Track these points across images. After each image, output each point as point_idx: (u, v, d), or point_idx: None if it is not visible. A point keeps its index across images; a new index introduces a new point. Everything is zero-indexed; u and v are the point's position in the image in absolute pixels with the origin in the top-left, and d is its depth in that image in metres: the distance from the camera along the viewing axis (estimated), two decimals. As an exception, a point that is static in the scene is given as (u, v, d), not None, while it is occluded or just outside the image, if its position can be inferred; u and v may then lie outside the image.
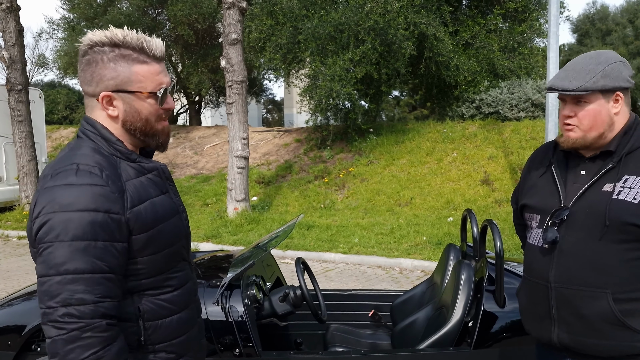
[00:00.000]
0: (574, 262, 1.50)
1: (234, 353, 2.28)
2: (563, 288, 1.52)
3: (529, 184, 1.71)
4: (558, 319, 1.54)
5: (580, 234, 1.50)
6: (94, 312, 1.13)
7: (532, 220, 1.65)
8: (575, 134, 1.53)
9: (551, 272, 1.54)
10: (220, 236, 7.97)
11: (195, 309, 1.43)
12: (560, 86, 1.50)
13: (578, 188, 1.53)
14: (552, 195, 1.58)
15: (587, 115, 1.50)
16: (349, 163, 10.60)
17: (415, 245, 7.05)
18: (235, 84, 8.55)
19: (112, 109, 1.29)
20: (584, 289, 1.48)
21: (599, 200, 1.48)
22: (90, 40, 1.26)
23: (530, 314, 1.65)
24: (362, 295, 3.29)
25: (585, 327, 1.49)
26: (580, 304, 1.49)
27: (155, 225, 1.27)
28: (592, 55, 1.53)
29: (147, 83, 1.29)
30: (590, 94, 1.48)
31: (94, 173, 1.19)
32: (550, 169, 1.63)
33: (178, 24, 14.01)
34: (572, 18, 26.99)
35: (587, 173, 1.54)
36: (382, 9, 9.93)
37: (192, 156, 12.99)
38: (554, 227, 1.54)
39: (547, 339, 1.59)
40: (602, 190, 1.49)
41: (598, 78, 1.47)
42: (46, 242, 1.14)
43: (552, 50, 6.41)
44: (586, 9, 29.62)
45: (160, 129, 1.34)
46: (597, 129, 1.51)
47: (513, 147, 9.70)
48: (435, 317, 2.66)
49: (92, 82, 1.27)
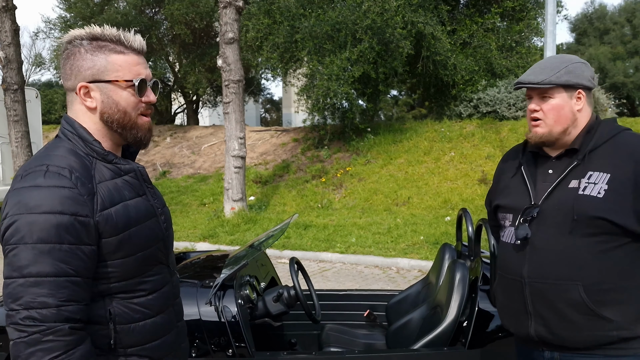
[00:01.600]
0: (546, 257, 1.56)
1: (227, 353, 2.27)
2: (536, 283, 1.58)
3: (502, 185, 1.78)
4: (534, 313, 1.59)
5: (550, 229, 1.56)
6: (56, 315, 1.12)
7: (505, 219, 1.72)
8: (542, 129, 1.62)
9: (524, 268, 1.60)
10: (217, 236, 7.95)
11: (173, 313, 1.40)
12: (526, 80, 1.61)
13: (547, 186, 1.61)
14: (523, 194, 1.65)
15: (552, 109, 1.60)
16: (346, 162, 10.59)
17: (412, 244, 7.04)
18: (232, 83, 8.53)
19: (90, 100, 1.28)
20: (557, 282, 1.54)
21: (566, 197, 1.55)
22: (70, 36, 1.27)
23: (507, 310, 1.71)
24: (357, 295, 3.28)
25: (560, 319, 1.54)
26: (553, 297, 1.55)
27: (127, 228, 1.25)
28: (557, 56, 1.67)
29: (124, 72, 1.28)
30: (554, 89, 1.59)
31: (63, 175, 1.18)
32: (520, 169, 1.70)
33: (175, 23, 13.98)
34: (570, 17, 27.02)
35: (555, 172, 1.62)
36: (379, 8, 9.92)
37: (189, 156, 12.96)
38: (525, 224, 1.60)
39: (524, 333, 1.64)
40: (568, 186, 1.56)
41: (562, 74, 1.58)
42: (11, 244, 1.14)
43: (549, 49, 6.40)
44: (584, 8, 29.64)
45: (140, 123, 1.32)
46: (561, 124, 1.60)
47: (511, 146, 9.68)
48: (430, 317, 2.65)
49: (72, 75, 1.28)
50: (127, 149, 1.41)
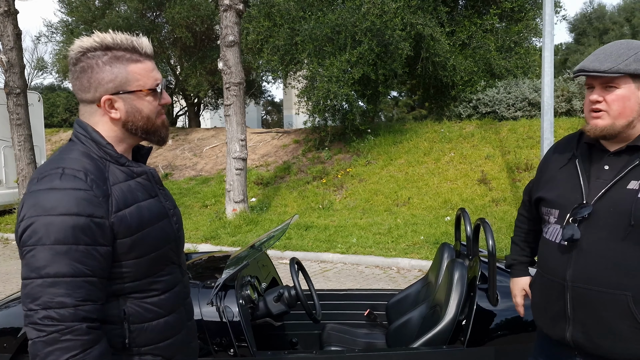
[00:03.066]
0: (594, 261, 1.45)
1: (228, 353, 2.30)
2: (581, 288, 1.47)
3: (547, 175, 1.64)
4: (574, 318, 1.50)
5: (602, 232, 1.45)
6: (74, 315, 1.14)
7: (550, 215, 1.59)
8: (603, 121, 1.46)
9: (569, 271, 1.50)
10: (219, 237, 7.99)
11: (184, 312, 1.43)
12: (591, 67, 1.45)
13: (601, 184, 1.48)
14: (573, 190, 1.52)
15: (617, 99, 1.44)
16: (347, 163, 10.62)
17: (412, 244, 7.08)
18: (233, 86, 8.57)
19: (115, 112, 1.30)
20: (604, 290, 1.43)
21: (624, 199, 1.42)
22: (81, 47, 1.26)
23: (542, 310, 1.61)
24: (357, 295, 3.31)
25: (603, 328, 1.45)
26: (598, 305, 1.45)
27: (140, 229, 1.27)
28: (622, 42, 1.49)
29: (145, 80, 1.30)
30: (621, 78, 1.43)
31: (78, 177, 1.20)
32: (574, 162, 1.57)
33: (176, 27, 14.04)
34: (569, 17, 27.03)
35: (611, 168, 1.48)
36: (378, 10, 9.96)
37: (191, 158, 13.01)
38: (574, 224, 1.48)
39: (559, 336, 1.55)
40: (627, 187, 1.43)
41: (630, 62, 1.42)
42: (29, 245, 1.16)
43: (547, 50, 6.43)
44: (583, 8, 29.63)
45: (159, 124, 1.36)
46: (625, 116, 1.45)
47: (510, 147, 9.72)
48: (430, 316, 2.68)
49: (90, 88, 1.28)
50: (138, 151, 1.44)
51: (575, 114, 10.74)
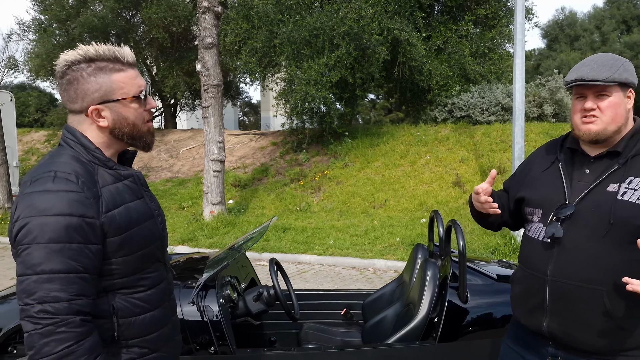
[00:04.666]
0: (575, 258, 1.54)
1: (209, 351, 2.36)
2: (560, 282, 1.56)
3: (531, 176, 1.73)
4: (551, 310, 1.59)
5: (584, 231, 1.53)
6: (68, 309, 1.21)
7: (534, 214, 1.68)
8: (596, 126, 1.56)
9: (550, 266, 1.58)
10: (196, 239, 7.99)
11: (169, 307, 1.51)
12: (590, 77, 1.54)
13: (583, 186, 1.57)
14: (556, 191, 1.62)
15: (610, 106, 1.55)
16: (324, 166, 10.71)
17: (389, 246, 7.20)
18: (211, 88, 8.58)
19: (102, 120, 1.37)
20: (582, 284, 1.52)
21: (604, 200, 1.52)
22: (66, 61, 1.33)
23: (522, 302, 1.70)
24: (334, 295, 3.38)
25: (578, 321, 1.54)
26: (575, 299, 1.53)
27: (129, 228, 1.35)
28: (608, 54, 1.60)
29: (129, 88, 1.37)
30: (613, 87, 1.54)
31: (70, 180, 1.27)
32: (557, 165, 1.66)
33: (153, 27, 13.91)
34: (541, 24, 27.68)
35: (592, 172, 1.58)
36: (356, 15, 10.08)
37: (167, 159, 12.93)
38: (557, 223, 1.57)
39: (536, 327, 1.64)
40: (607, 190, 1.53)
41: (621, 71, 1.54)
42: (24, 244, 1.22)
43: (518, 57, 6.63)
44: (555, 15, 30.40)
45: (145, 130, 1.43)
46: (616, 122, 1.56)
47: (484, 150, 9.95)
48: (404, 314, 2.77)
49: (78, 99, 1.35)
50: (123, 155, 1.50)
51: (546, 118, 11.04)
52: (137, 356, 1.40)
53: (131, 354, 1.39)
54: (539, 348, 1.67)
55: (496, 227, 1.91)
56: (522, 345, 1.75)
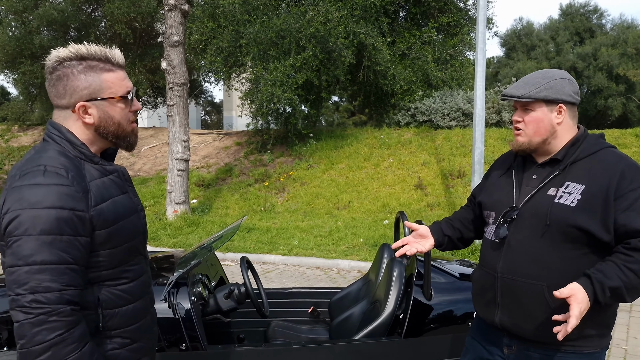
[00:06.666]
0: (518, 256, 1.70)
1: (180, 348, 2.38)
2: (507, 278, 1.72)
3: (489, 182, 1.91)
4: (501, 304, 1.75)
5: (525, 231, 1.69)
6: (59, 298, 1.25)
7: (489, 217, 1.84)
8: (522, 138, 1.74)
9: (499, 264, 1.74)
10: (159, 239, 7.90)
11: (149, 299, 1.57)
12: (509, 93, 1.74)
13: (529, 190, 1.73)
14: (507, 195, 1.78)
15: (532, 121, 1.71)
16: (289, 167, 10.76)
17: (352, 246, 7.31)
18: (177, 86, 8.50)
19: (88, 117, 1.40)
20: (525, 280, 1.68)
21: (543, 203, 1.66)
22: (57, 57, 1.36)
23: (479, 297, 1.87)
24: (301, 293, 3.45)
25: (524, 313, 1.69)
26: (520, 293, 1.69)
27: (116, 222, 1.39)
28: (542, 71, 1.76)
29: (117, 88, 1.41)
30: (535, 103, 1.70)
31: (61, 174, 1.30)
32: (510, 171, 1.83)
33: (115, 22, 13.63)
34: (500, 33, 28.57)
35: (538, 177, 1.74)
36: (323, 18, 10.19)
37: (128, 157, 12.68)
38: (504, 225, 1.74)
39: (490, 320, 1.81)
40: (547, 194, 1.67)
41: (542, 89, 1.68)
42: (15, 235, 1.25)
43: (479, 65, 6.87)
44: (513, 25, 31.41)
45: (130, 130, 1.47)
46: (540, 135, 1.71)
47: (444, 154, 10.22)
48: (370, 311, 2.86)
49: (66, 94, 1.38)
50: (105, 151, 1.53)
51: (505, 125, 11.44)
52: (119, 346, 1.44)
53: (114, 344, 1.43)
54: (496, 339, 1.83)
55: (463, 245, 2.07)
56: (483, 337, 1.91)
